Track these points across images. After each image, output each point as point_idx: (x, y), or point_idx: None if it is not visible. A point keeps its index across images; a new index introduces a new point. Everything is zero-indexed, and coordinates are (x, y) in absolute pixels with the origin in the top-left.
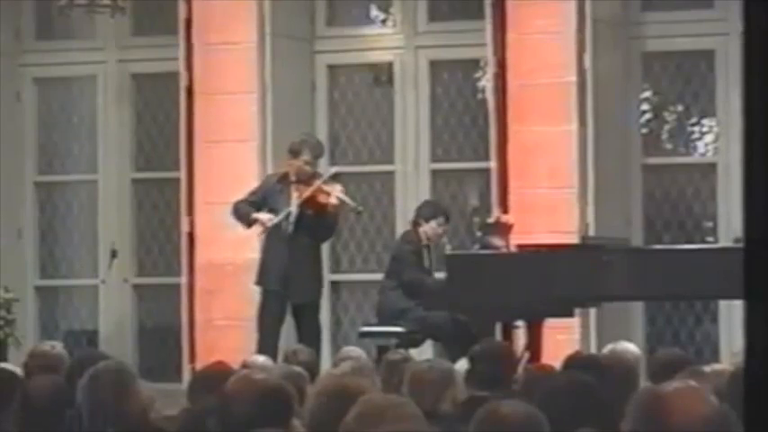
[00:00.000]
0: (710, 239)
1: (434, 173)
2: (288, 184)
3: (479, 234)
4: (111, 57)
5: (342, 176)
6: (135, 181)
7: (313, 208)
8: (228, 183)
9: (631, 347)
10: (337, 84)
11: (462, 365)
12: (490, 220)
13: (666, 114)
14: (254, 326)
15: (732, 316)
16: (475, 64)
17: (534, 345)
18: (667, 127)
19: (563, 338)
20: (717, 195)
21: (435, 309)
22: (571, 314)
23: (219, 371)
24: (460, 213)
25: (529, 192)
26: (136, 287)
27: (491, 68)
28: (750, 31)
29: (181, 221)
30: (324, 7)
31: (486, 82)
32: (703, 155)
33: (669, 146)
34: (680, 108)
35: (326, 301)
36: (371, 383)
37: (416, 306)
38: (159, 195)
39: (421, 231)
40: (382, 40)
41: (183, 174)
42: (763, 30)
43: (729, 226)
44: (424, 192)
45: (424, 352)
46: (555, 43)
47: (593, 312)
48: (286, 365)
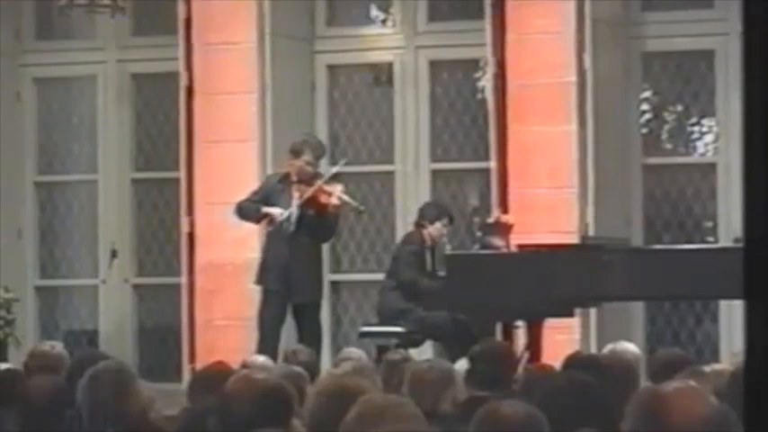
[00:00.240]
0: (710, 239)
1: (434, 173)
2: (289, 185)
3: (479, 234)
4: (111, 57)
5: (342, 176)
6: (135, 181)
7: (314, 208)
8: (228, 183)
9: (631, 347)
10: (337, 84)
11: (462, 365)
12: (490, 220)
13: (666, 114)
14: (254, 326)
15: (732, 316)
16: (475, 64)
17: (534, 345)
18: (667, 127)
19: (563, 338)
20: (717, 195)
21: (435, 309)
22: (571, 314)
23: (219, 371)
24: (460, 213)
25: (529, 192)
26: (136, 287)
27: (491, 68)
28: (750, 31)
29: (181, 221)
30: (324, 7)
31: (485, 82)
32: (703, 155)
33: (669, 146)
34: (680, 108)
35: (326, 301)
36: (371, 383)
37: (416, 306)
38: (159, 195)
39: (425, 233)
40: (382, 40)
41: (183, 174)
42: (763, 30)
43: (729, 226)
44: (424, 192)
45: (424, 352)
46: (555, 43)
47: (593, 312)
48: (286, 365)
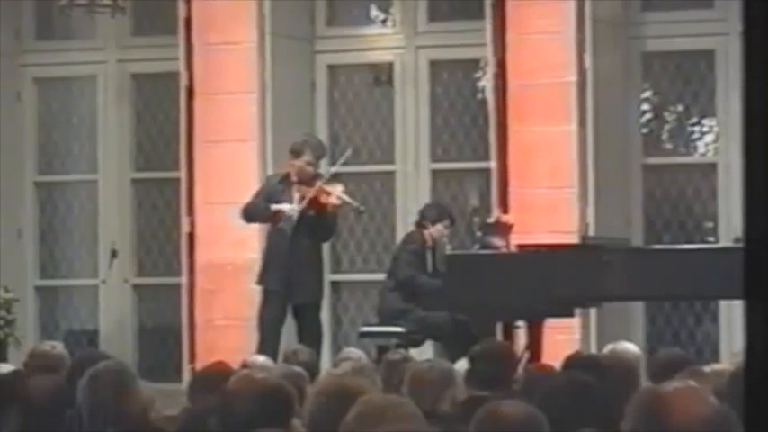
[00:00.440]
0: (710, 239)
1: (434, 173)
2: (289, 185)
3: (479, 234)
4: (111, 57)
5: (342, 176)
6: (135, 181)
7: (314, 208)
8: (228, 183)
9: (631, 347)
10: (337, 84)
11: (462, 365)
12: (490, 220)
13: (666, 114)
14: (254, 326)
15: (732, 316)
16: (475, 64)
17: (534, 345)
18: (667, 127)
19: (563, 338)
20: (717, 195)
21: (435, 309)
22: (571, 314)
23: (219, 371)
24: (460, 213)
25: (529, 192)
26: (136, 287)
27: (491, 68)
28: (750, 31)
29: (181, 221)
30: (324, 7)
31: (486, 82)
32: (703, 155)
33: (669, 146)
34: (680, 108)
35: (326, 301)
36: (371, 383)
37: (416, 306)
38: (159, 195)
39: (426, 234)
40: (382, 40)
41: (183, 174)
42: (763, 30)
43: (729, 226)
44: (424, 192)
45: (424, 352)
46: (555, 43)
47: (593, 312)
48: (286, 365)
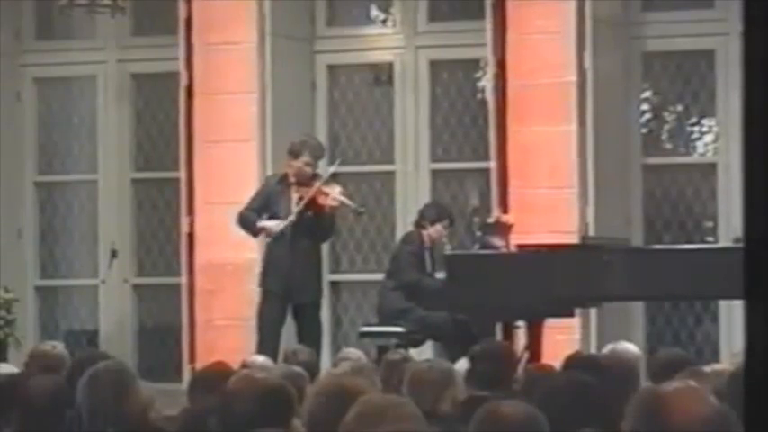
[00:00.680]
0: (710, 239)
1: (434, 173)
2: (288, 186)
3: (479, 234)
4: (111, 57)
5: (342, 176)
6: (135, 181)
7: (312, 209)
8: (228, 183)
9: (631, 347)
10: (337, 84)
11: (462, 365)
12: (490, 220)
13: (666, 114)
14: (253, 326)
15: (732, 316)
16: (475, 64)
17: (534, 345)
18: (667, 127)
19: (563, 338)
20: (717, 195)
21: (435, 309)
22: (571, 314)
23: (219, 371)
24: (460, 213)
25: (529, 192)
26: (136, 287)
27: (491, 68)
28: (750, 31)
29: (181, 221)
30: (324, 7)
31: (486, 82)
32: (703, 155)
33: (669, 146)
34: (680, 108)
35: (326, 301)
36: (370, 383)
37: (416, 306)
38: (159, 195)
39: (424, 234)
40: (382, 40)
41: (183, 174)
42: (763, 30)
43: (729, 226)
44: (424, 192)
45: (424, 352)
46: (555, 43)
47: (593, 312)
48: (286, 365)
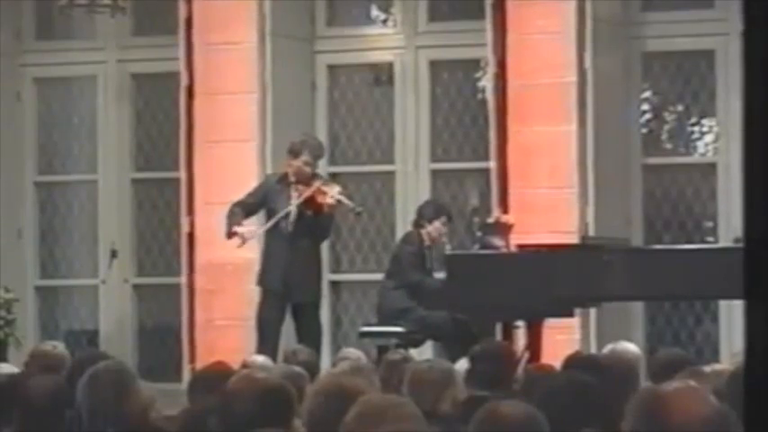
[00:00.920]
0: (710, 239)
1: (434, 173)
2: (287, 185)
3: (479, 234)
4: (111, 57)
5: (342, 176)
6: (135, 181)
7: (312, 208)
8: (228, 183)
9: (631, 347)
10: (337, 84)
11: (462, 365)
12: (490, 220)
13: (666, 114)
14: (253, 326)
15: (732, 316)
16: (475, 64)
17: (534, 345)
18: (667, 127)
19: (563, 338)
20: (717, 195)
21: (435, 309)
22: (571, 314)
23: (219, 371)
24: (460, 213)
25: (529, 192)
26: (136, 287)
27: (491, 68)
28: (750, 31)
29: (181, 221)
30: (324, 7)
31: (486, 82)
32: (703, 155)
33: (669, 146)
34: (680, 108)
35: (326, 301)
36: (369, 383)
37: (416, 306)
38: (159, 195)
39: (424, 233)
40: (382, 40)
41: (183, 174)
42: (763, 30)
43: (729, 226)
44: (424, 192)
45: (424, 352)
46: (555, 43)
47: (593, 312)
48: (286, 365)
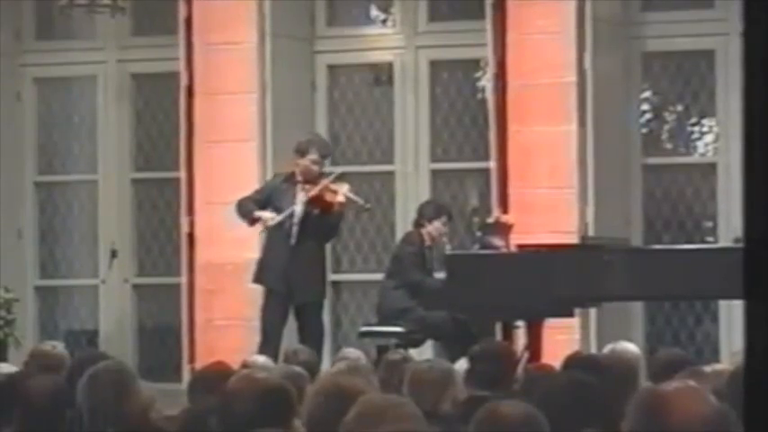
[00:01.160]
0: (710, 239)
1: (434, 173)
2: (294, 184)
3: (479, 234)
4: (111, 57)
5: (343, 176)
6: (135, 181)
7: (319, 206)
8: (228, 183)
9: (631, 347)
10: (337, 84)
11: (462, 365)
12: (490, 220)
13: (666, 114)
14: (254, 326)
15: (732, 316)
16: (475, 64)
17: (534, 345)
18: (667, 127)
19: (563, 338)
20: (717, 195)
21: (435, 309)
22: (571, 314)
23: (219, 371)
24: (460, 213)
25: (529, 192)
26: (136, 287)
27: (491, 68)
28: (750, 31)
29: (181, 221)
30: (324, 7)
31: (486, 82)
32: (703, 155)
33: (669, 146)
34: (680, 108)
35: (326, 301)
36: (367, 383)
37: (416, 306)
38: (159, 195)
39: (424, 232)
40: (382, 40)
41: (183, 174)
42: (763, 30)
43: (729, 226)
44: (424, 192)
45: (424, 352)
46: (555, 43)
47: (593, 312)
48: (286, 365)
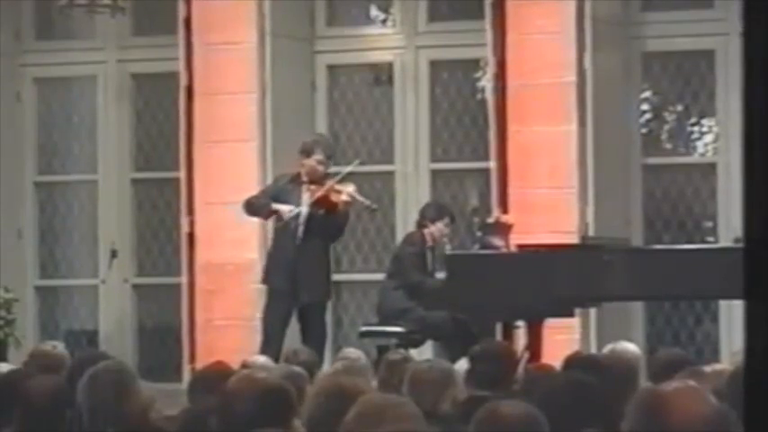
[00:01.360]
0: (710, 239)
1: (434, 173)
2: (299, 185)
3: (479, 234)
4: (111, 57)
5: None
6: (135, 181)
7: (325, 207)
8: (228, 183)
9: (631, 347)
10: (337, 84)
11: (462, 365)
12: (490, 220)
13: (666, 114)
14: (254, 326)
15: (732, 316)
16: (475, 64)
17: (534, 345)
18: (667, 127)
19: (563, 338)
20: (717, 195)
21: (435, 309)
22: (571, 314)
23: (219, 371)
24: (460, 213)
25: (529, 192)
26: (136, 287)
27: (491, 68)
28: (750, 31)
29: (181, 221)
30: (324, 7)
31: (486, 82)
32: (703, 155)
33: (669, 146)
34: (680, 108)
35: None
36: (366, 383)
37: (416, 306)
38: (159, 195)
39: (426, 233)
40: (382, 40)
41: (183, 174)
42: (763, 30)
43: (729, 226)
44: (424, 192)
45: (424, 352)
46: (555, 43)
47: (593, 312)
48: (286, 365)
